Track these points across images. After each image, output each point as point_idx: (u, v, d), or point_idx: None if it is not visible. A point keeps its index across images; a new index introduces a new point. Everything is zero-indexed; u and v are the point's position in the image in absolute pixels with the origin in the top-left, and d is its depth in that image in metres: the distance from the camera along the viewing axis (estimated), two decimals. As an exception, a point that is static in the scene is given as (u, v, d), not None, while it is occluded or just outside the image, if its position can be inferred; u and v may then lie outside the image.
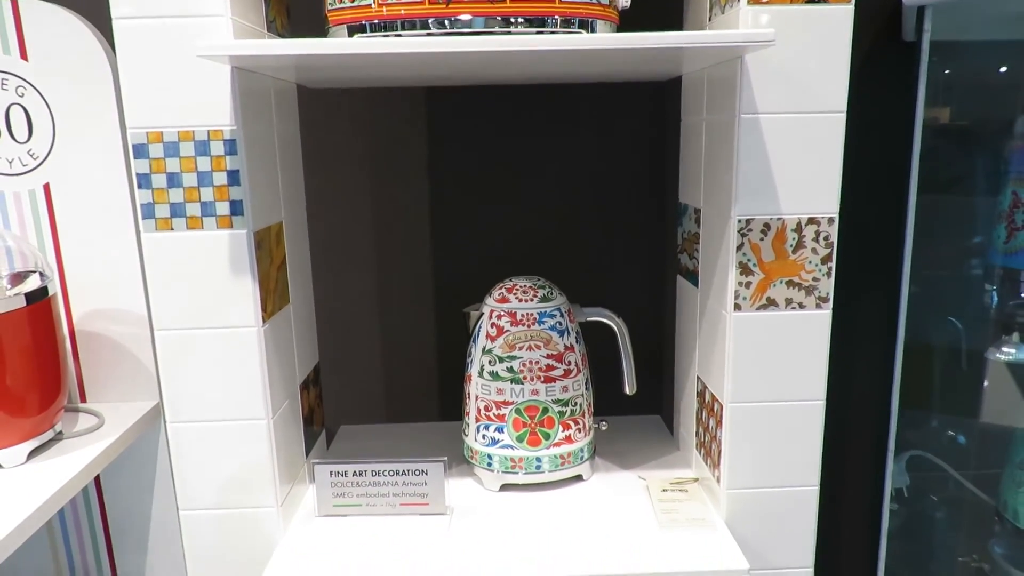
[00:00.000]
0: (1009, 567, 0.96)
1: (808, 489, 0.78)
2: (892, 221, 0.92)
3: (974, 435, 1.04)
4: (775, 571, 0.80)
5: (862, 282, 0.97)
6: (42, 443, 0.87)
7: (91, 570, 1.07)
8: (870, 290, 0.96)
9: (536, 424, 0.84)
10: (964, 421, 1.03)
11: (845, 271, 0.79)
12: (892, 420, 0.97)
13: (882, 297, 0.95)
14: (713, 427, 0.80)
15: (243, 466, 0.76)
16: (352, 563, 0.73)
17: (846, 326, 0.83)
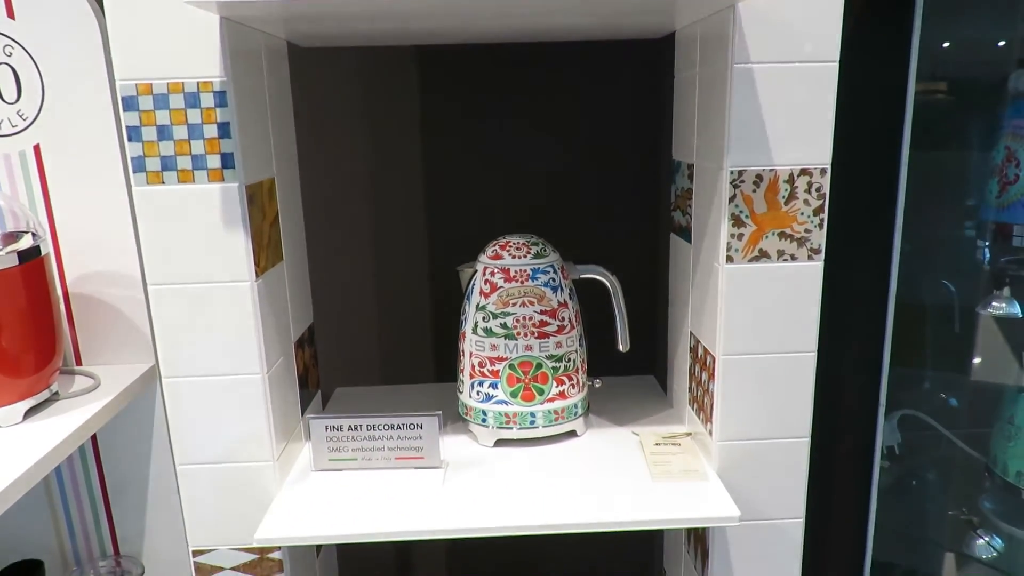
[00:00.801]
0: (997, 521, 0.98)
1: (800, 441, 0.79)
2: (885, 177, 0.92)
3: (966, 393, 1.05)
4: (767, 522, 0.81)
5: (854, 237, 0.97)
6: (38, 403, 0.88)
7: (90, 531, 1.08)
8: (862, 245, 0.96)
9: (530, 380, 0.84)
10: (956, 379, 1.04)
11: (837, 226, 0.79)
12: (883, 377, 0.98)
13: (874, 253, 0.95)
14: (706, 381, 0.81)
15: (239, 421, 0.76)
16: (348, 515, 0.74)
17: (838, 281, 0.83)
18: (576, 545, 1.19)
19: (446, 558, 1.19)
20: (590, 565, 1.20)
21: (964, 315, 0.98)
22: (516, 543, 1.17)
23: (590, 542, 1.19)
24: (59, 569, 1.06)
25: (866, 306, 0.95)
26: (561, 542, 1.18)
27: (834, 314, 0.81)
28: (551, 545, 1.19)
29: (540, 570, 1.20)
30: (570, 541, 1.18)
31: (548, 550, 1.19)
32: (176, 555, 1.07)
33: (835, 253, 0.77)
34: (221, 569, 0.80)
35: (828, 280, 0.76)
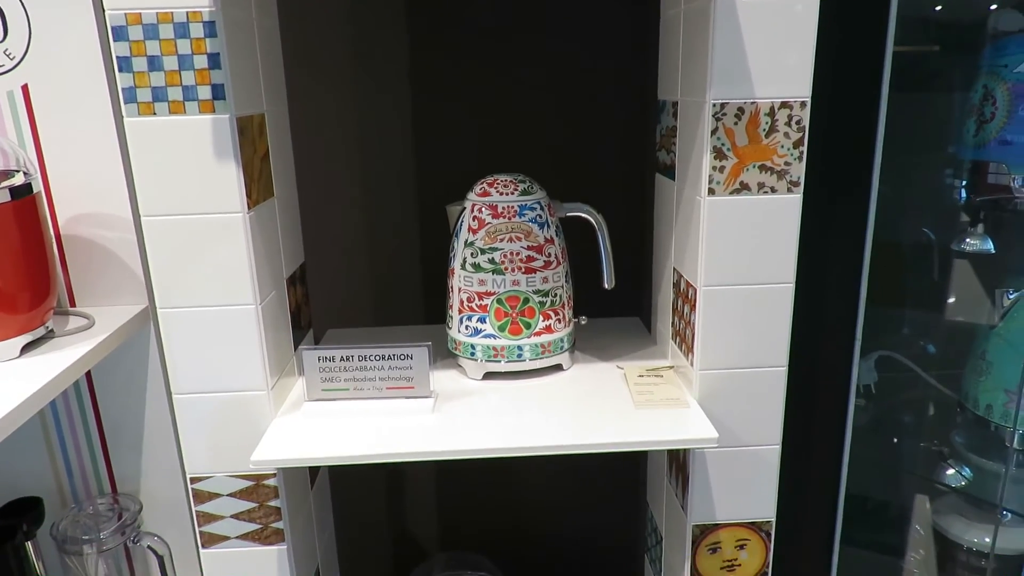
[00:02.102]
0: (967, 453, 1.02)
1: (777, 370, 0.82)
2: (864, 117, 0.93)
3: (941, 333, 1.08)
4: (745, 448, 0.84)
5: (833, 177, 0.99)
6: (35, 339, 0.89)
7: (87, 470, 1.10)
8: (841, 184, 0.98)
9: (517, 314, 0.87)
10: (931, 317, 1.07)
11: (817, 165, 0.80)
12: (859, 315, 1.00)
13: (852, 192, 0.97)
14: (688, 313, 0.83)
15: (233, 351, 0.78)
16: (341, 439, 0.76)
17: (817, 218, 0.85)
18: (562, 481, 1.23)
19: (436, 493, 1.22)
20: (576, 502, 1.24)
21: (940, 254, 1.00)
22: (504, 479, 1.21)
23: (575, 477, 1.23)
24: (57, 507, 1.08)
25: (844, 244, 0.97)
26: (547, 479, 1.22)
27: (812, 251, 0.83)
28: (538, 481, 1.22)
29: (527, 506, 1.23)
30: (556, 477, 1.22)
31: (535, 486, 1.22)
32: (173, 494, 1.09)
33: (814, 192, 0.79)
34: (218, 495, 0.83)
35: (807, 217, 0.78)
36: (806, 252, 0.79)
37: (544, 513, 1.24)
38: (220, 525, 0.84)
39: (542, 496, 1.24)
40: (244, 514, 0.83)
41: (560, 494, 1.23)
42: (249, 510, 0.83)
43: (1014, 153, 0.87)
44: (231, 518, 0.83)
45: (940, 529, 1.05)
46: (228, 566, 0.85)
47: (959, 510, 1.05)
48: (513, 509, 1.23)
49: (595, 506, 1.24)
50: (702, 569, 0.88)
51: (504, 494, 1.22)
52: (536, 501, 1.24)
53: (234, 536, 0.84)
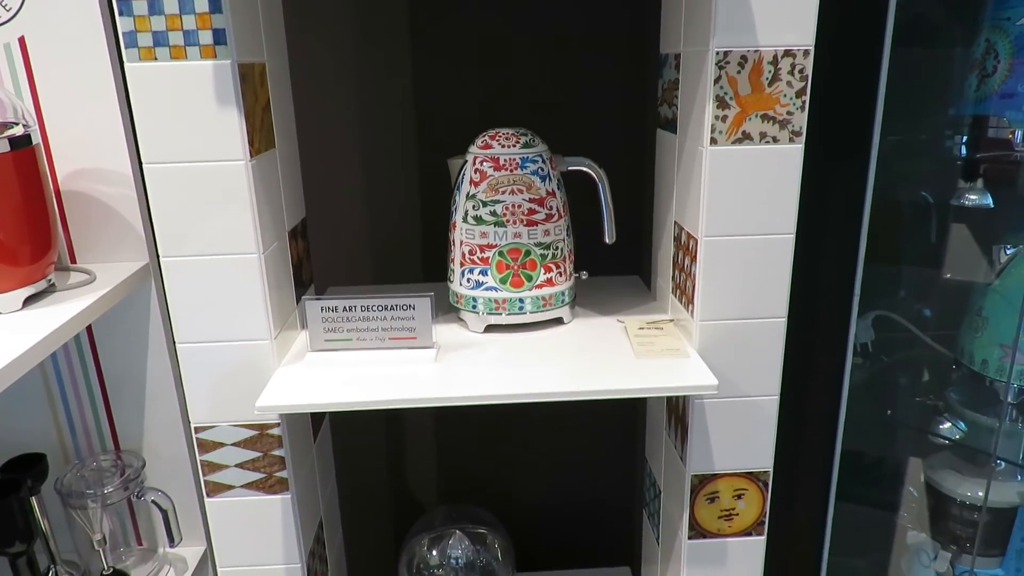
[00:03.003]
0: (962, 409, 1.03)
1: (777, 321, 0.82)
2: (867, 72, 0.93)
3: (937, 292, 1.09)
4: (744, 399, 0.85)
5: (835, 132, 0.99)
6: (37, 292, 0.90)
7: (90, 428, 1.11)
8: (842, 140, 0.98)
9: (519, 266, 0.87)
10: (928, 275, 1.07)
11: (819, 120, 0.80)
12: (858, 274, 1.01)
13: (852, 146, 0.97)
14: (688, 265, 0.84)
15: (236, 300, 0.78)
16: (344, 387, 0.77)
17: (817, 173, 0.85)
18: (562, 437, 1.24)
19: (436, 449, 1.23)
20: (575, 459, 1.25)
21: (939, 211, 1.01)
22: (504, 435, 1.22)
23: (575, 434, 1.24)
24: (61, 464, 1.09)
25: (843, 200, 0.98)
26: (548, 436, 1.23)
27: (811, 207, 0.83)
28: (538, 438, 1.24)
29: (527, 464, 1.25)
30: (556, 434, 1.23)
31: (535, 443, 1.24)
32: (175, 450, 1.10)
33: (814, 148, 0.79)
34: (222, 445, 0.84)
35: (806, 173, 0.78)
36: (805, 208, 0.80)
37: (544, 470, 1.26)
38: (224, 474, 0.85)
39: (542, 453, 1.25)
40: (248, 463, 0.84)
41: (560, 451, 1.25)
42: (253, 459, 0.84)
43: (1015, 106, 0.87)
44: (235, 467, 0.84)
45: (933, 483, 1.07)
46: (233, 515, 0.86)
47: (952, 465, 1.07)
48: (513, 466, 1.24)
49: (594, 463, 1.26)
50: (700, 518, 0.89)
51: (504, 451, 1.24)
52: (536, 458, 1.25)
53: (238, 485, 0.85)
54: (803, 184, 0.78)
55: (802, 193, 0.78)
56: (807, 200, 0.79)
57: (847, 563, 1.13)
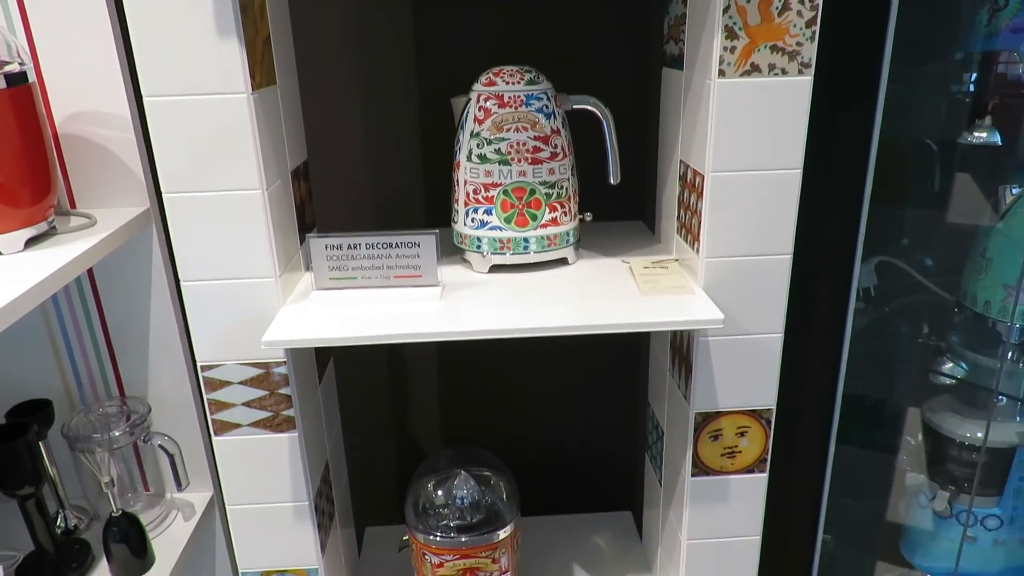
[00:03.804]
0: (964, 351, 1.03)
1: (783, 257, 0.82)
2: (876, 9, 0.92)
3: (942, 236, 1.09)
4: (748, 336, 0.85)
5: (841, 67, 0.98)
6: (38, 234, 0.89)
7: (95, 375, 1.11)
8: (848, 75, 0.97)
9: (524, 205, 0.87)
10: (933, 219, 1.07)
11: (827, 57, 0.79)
12: (863, 216, 1.01)
13: (860, 83, 0.96)
14: (694, 203, 0.83)
15: (240, 237, 0.78)
16: (349, 324, 0.77)
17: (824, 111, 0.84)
18: (565, 382, 1.25)
19: (440, 393, 1.24)
20: (578, 403, 1.26)
21: (946, 150, 1.00)
22: (508, 376, 1.22)
23: (579, 378, 1.24)
24: (66, 412, 1.09)
25: (850, 141, 0.97)
26: (551, 380, 1.24)
27: (817, 148, 0.82)
28: (541, 382, 1.24)
29: (530, 408, 1.25)
30: (560, 379, 1.24)
31: (538, 387, 1.24)
32: (181, 398, 1.11)
33: (822, 86, 0.78)
34: (228, 384, 0.84)
35: (813, 112, 0.77)
36: (810, 150, 0.79)
37: (546, 417, 1.27)
38: (231, 413, 0.85)
39: (544, 400, 1.26)
40: (255, 402, 0.85)
41: (562, 398, 1.26)
42: (260, 398, 0.84)
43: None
44: (242, 406, 0.85)
45: (933, 425, 1.08)
46: (241, 453, 0.87)
47: (952, 407, 1.08)
48: (515, 412, 1.25)
49: (595, 410, 1.27)
50: (703, 456, 0.90)
51: (506, 398, 1.25)
52: (538, 405, 1.26)
53: (246, 424, 0.85)
54: (809, 124, 0.77)
55: (807, 133, 0.77)
56: (812, 141, 0.78)
57: (845, 505, 1.14)
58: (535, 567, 1.14)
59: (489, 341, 1.18)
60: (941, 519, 1.09)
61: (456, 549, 0.95)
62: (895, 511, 1.20)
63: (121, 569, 1.01)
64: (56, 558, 1.00)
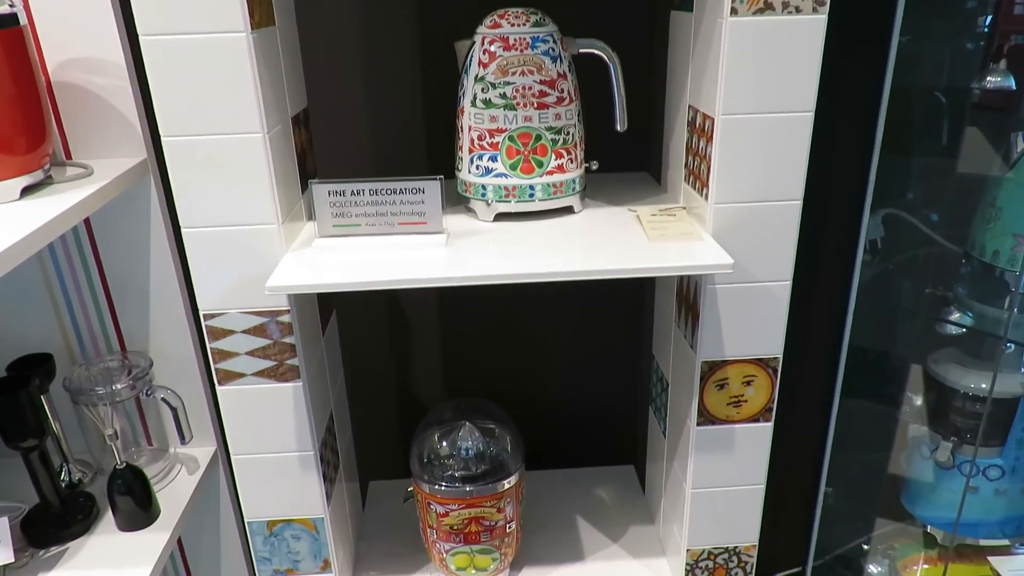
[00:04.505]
0: (971, 302, 1.03)
1: (792, 203, 0.81)
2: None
3: (951, 186, 1.08)
4: (756, 284, 0.84)
5: (853, 10, 0.96)
6: (34, 183, 0.88)
7: (95, 330, 1.10)
8: (860, 18, 0.95)
9: (529, 152, 0.85)
10: (943, 167, 1.06)
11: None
12: (872, 165, 0.99)
13: (872, 28, 0.94)
14: (704, 148, 0.82)
15: (241, 181, 0.76)
16: (353, 269, 0.76)
17: (837, 64, 0.82)
18: (568, 336, 1.24)
19: (443, 346, 1.24)
20: (582, 358, 1.26)
21: (958, 97, 0.99)
22: (511, 324, 1.21)
23: (582, 332, 1.24)
24: (68, 366, 1.09)
25: (860, 88, 0.95)
26: (554, 333, 1.23)
27: (827, 95, 0.80)
28: (544, 333, 1.23)
29: (532, 360, 1.25)
30: (563, 332, 1.23)
31: (541, 340, 1.24)
32: (182, 352, 1.10)
33: (834, 29, 0.76)
34: (231, 333, 0.83)
35: (824, 56, 0.75)
36: (820, 97, 0.77)
37: (549, 372, 1.26)
38: (235, 362, 0.84)
39: (548, 355, 1.25)
40: (259, 351, 0.84)
41: (565, 353, 1.25)
42: (263, 347, 0.84)
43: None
44: (245, 355, 0.84)
45: (937, 377, 1.08)
46: (245, 403, 0.86)
47: (957, 359, 1.08)
48: (518, 367, 1.25)
49: (599, 365, 1.26)
50: (709, 405, 0.90)
51: (509, 352, 1.24)
52: (541, 360, 1.26)
53: (250, 373, 0.85)
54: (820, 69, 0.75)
55: (824, 68, 0.76)
56: (822, 88, 0.77)
57: (847, 458, 1.15)
58: (539, 519, 1.15)
59: (493, 295, 1.18)
60: (943, 470, 1.09)
61: (461, 498, 0.95)
62: (896, 464, 1.21)
63: (126, 521, 1.01)
64: (61, 510, 1.00)
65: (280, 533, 0.93)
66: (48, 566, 0.95)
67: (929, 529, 1.14)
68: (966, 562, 1.13)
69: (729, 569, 0.99)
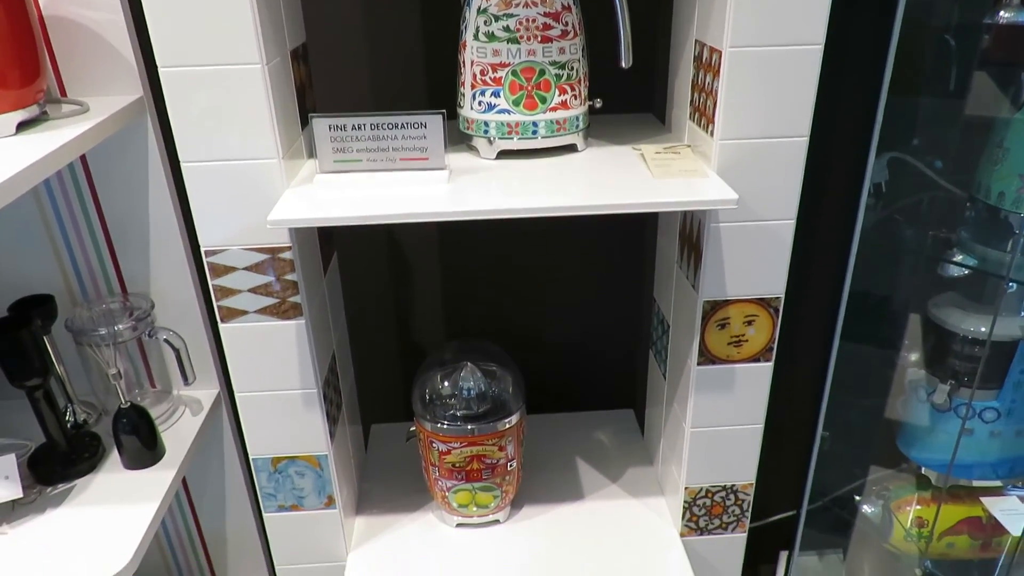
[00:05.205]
0: (973, 244, 1.03)
1: (799, 140, 0.80)
2: None
3: (958, 128, 1.07)
4: (760, 222, 0.84)
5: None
6: (29, 118, 0.86)
7: (96, 271, 1.10)
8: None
9: (533, 87, 0.84)
10: (951, 109, 1.05)
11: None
12: (880, 109, 0.98)
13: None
14: (710, 83, 0.81)
15: (241, 114, 0.75)
16: (355, 205, 0.76)
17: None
18: (570, 280, 1.24)
19: (443, 287, 1.24)
20: (583, 302, 1.26)
21: (969, 33, 0.97)
22: (512, 268, 1.21)
23: (584, 276, 1.24)
24: (69, 309, 1.09)
25: (869, 28, 0.93)
26: (555, 272, 1.23)
27: (835, 31, 0.79)
28: (545, 274, 1.23)
29: (532, 305, 1.25)
30: (563, 271, 1.23)
31: (542, 282, 1.24)
32: (184, 295, 1.10)
33: None
34: (233, 269, 0.83)
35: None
36: (829, 33, 0.75)
37: (550, 316, 1.26)
38: (237, 299, 0.84)
39: (548, 299, 1.25)
40: (261, 288, 0.84)
41: (566, 297, 1.25)
42: (266, 284, 0.84)
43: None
44: (248, 292, 0.84)
45: (937, 321, 1.08)
46: (248, 340, 0.86)
47: (957, 303, 1.08)
48: (518, 311, 1.25)
49: (601, 308, 1.27)
50: (710, 344, 0.90)
51: (510, 296, 1.24)
52: (542, 304, 1.26)
53: (252, 311, 0.85)
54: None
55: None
56: (830, 25, 0.75)
57: (845, 400, 1.16)
58: (539, 460, 1.16)
59: (494, 237, 1.17)
60: (939, 412, 1.11)
61: (463, 436, 0.97)
62: (893, 409, 1.22)
63: (132, 459, 1.02)
64: (67, 449, 1.01)
65: (284, 470, 0.94)
66: (56, 502, 0.97)
67: (923, 471, 1.16)
68: (959, 503, 1.15)
69: (726, 507, 1.01)
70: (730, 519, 1.03)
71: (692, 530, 1.03)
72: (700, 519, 1.02)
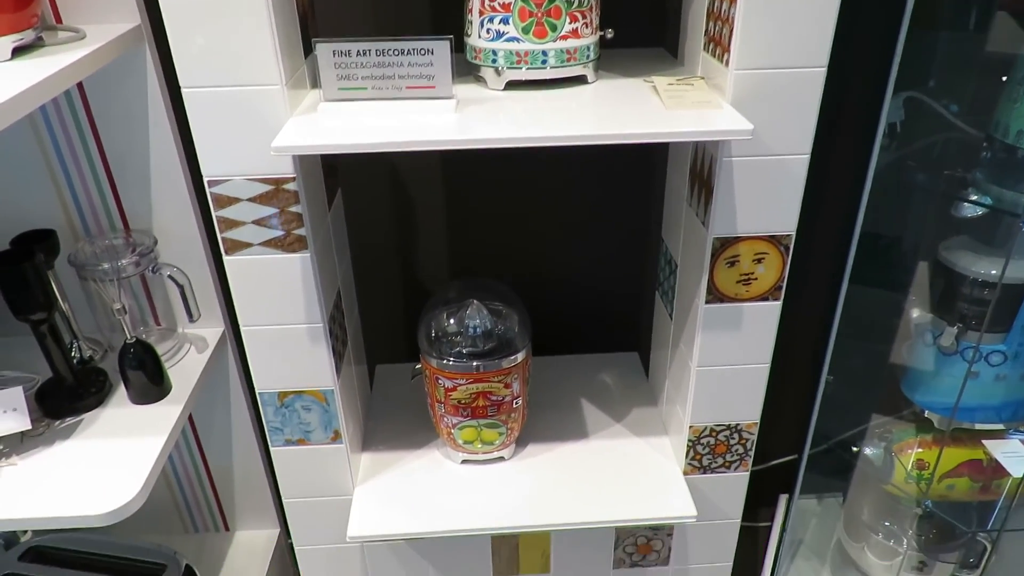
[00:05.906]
0: (989, 185, 1.01)
1: (817, 70, 0.78)
2: None
3: (978, 64, 1.04)
4: (773, 157, 0.82)
5: None
6: (25, 42, 0.84)
7: (97, 207, 1.09)
8: None
9: (543, 14, 0.81)
10: (971, 44, 1.02)
11: None
12: (899, 42, 0.95)
13: None
14: (726, 10, 0.78)
15: (242, 38, 0.73)
16: (360, 133, 0.74)
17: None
18: (574, 223, 1.23)
19: (448, 227, 1.22)
20: (589, 242, 1.25)
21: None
22: (518, 197, 1.20)
23: (589, 210, 1.22)
24: (71, 245, 1.08)
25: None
26: (562, 213, 1.22)
27: None
28: (553, 206, 1.22)
29: (537, 243, 1.24)
30: (570, 211, 1.21)
31: (548, 220, 1.22)
32: (186, 232, 1.09)
33: None
34: (238, 200, 0.82)
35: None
36: None
37: (557, 253, 1.25)
38: (241, 232, 0.83)
39: (556, 235, 1.24)
40: (265, 220, 0.83)
41: (572, 239, 1.24)
42: (270, 216, 0.82)
43: None
44: (252, 224, 0.83)
45: (947, 263, 1.07)
46: (252, 274, 0.86)
47: (968, 246, 1.07)
48: (523, 251, 1.24)
49: (608, 249, 1.25)
50: (719, 283, 0.89)
51: (516, 235, 1.23)
52: (549, 240, 1.24)
53: (256, 243, 0.84)
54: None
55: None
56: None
57: (850, 344, 1.16)
58: (544, 400, 1.17)
59: (502, 173, 1.15)
60: (945, 356, 1.10)
61: (469, 373, 0.97)
62: (898, 354, 1.22)
63: (139, 394, 1.02)
64: (74, 383, 1.02)
65: (291, 404, 0.95)
66: (64, 435, 0.98)
67: (926, 414, 1.16)
68: (961, 446, 1.16)
69: (730, 445, 1.02)
70: (733, 458, 1.03)
71: (695, 468, 1.04)
72: (703, 457, 1.03)
